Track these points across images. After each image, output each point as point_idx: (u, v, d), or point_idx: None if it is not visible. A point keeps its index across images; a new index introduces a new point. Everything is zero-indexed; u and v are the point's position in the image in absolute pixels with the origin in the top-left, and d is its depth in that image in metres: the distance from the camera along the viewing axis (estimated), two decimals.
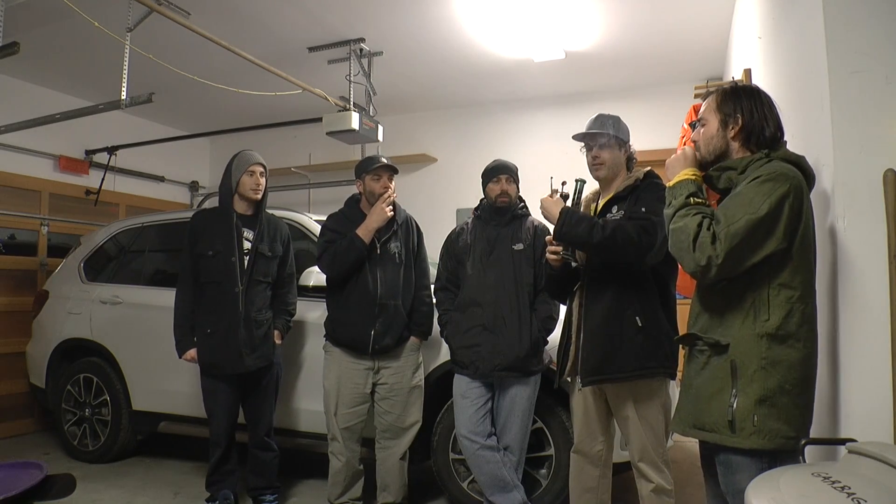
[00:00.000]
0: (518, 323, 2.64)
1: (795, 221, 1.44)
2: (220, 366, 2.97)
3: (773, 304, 1.45)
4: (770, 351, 1.44)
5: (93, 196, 5.36)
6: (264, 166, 3.11)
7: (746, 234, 1.42)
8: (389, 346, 2.89)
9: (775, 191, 1.43)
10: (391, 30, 4.07)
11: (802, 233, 1.46)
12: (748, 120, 1.58)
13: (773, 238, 1.43)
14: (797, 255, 1.46)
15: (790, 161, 1.53)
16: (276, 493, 3.17)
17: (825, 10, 1.59)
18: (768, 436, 1.42)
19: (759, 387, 1.43)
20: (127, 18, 3.27)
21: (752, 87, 1.67)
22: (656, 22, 3.92)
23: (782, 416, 1.43)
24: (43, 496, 3.24)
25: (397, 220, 2.99)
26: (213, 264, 2.99)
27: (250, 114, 5.34)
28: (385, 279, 2.87)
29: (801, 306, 1.45)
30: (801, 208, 1.45)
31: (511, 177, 2.81)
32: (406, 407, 2.93)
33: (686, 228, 1.49)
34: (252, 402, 3.10)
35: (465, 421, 2.70)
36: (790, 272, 1.45)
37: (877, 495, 1.11)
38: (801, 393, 1.45)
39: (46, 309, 4.27)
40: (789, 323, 1.44)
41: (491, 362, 2.63)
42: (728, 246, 1.42)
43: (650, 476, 2.19)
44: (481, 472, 2.68)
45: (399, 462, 2.94)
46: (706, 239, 1.44)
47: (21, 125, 3.81)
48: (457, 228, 2.97)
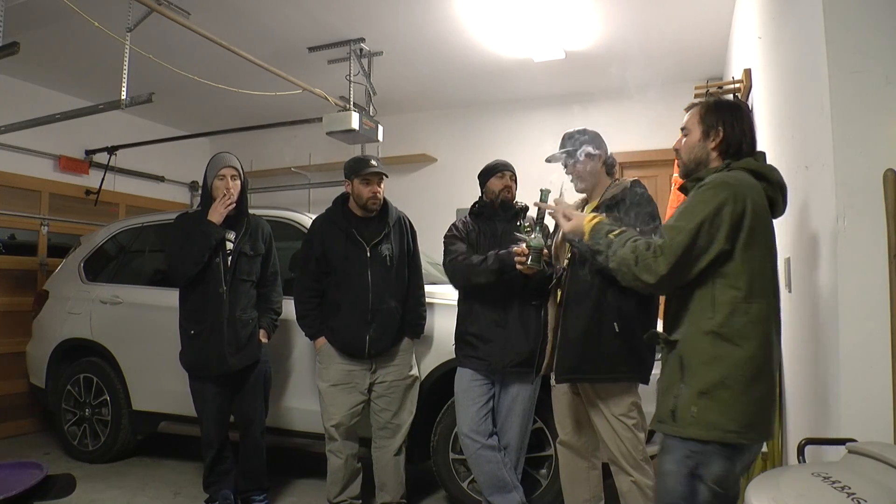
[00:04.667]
0: (525, 319, 2.64)
1: (737, 225, 1.52)
2: (206, 367, 2.96)
3: (719, 303, 1.53)
4: (714, 348, 1.52)
5: (93, 196, 5.36)
6: (237, 168, 3.04)
7: (689, 244, 1.52)
8: (385, 348, 2.89)
9: (714, 198, 1.53)
10: (391, 30, 4.07)
11: (746, 236, 1.52)
12: (728, 133, 1.67)
13: (715, 243, 1.52)
14: (741, 258, 1.53)
15: (751, 170, 1.61)
16: (265, 494, 3.15)
17: (825, 10, 1.59)
18: (705, 427, 1.50)
19: (700, 380, 1.52)
20: (127, 18, 3.28)
21: (735, 103, 1.76)
22: (656, 22, 3.91)
23: (721, 409, 1.49)
24: (43, 496, 3.24)
25: (389, 221, 2.98)
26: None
27: (250, 114, 5.34)
28: (377, 283, 2.87)
29: (746, 306, 1.52)
30: (742, 213, 1.52)
31: (513, 174, 2.83)
32: (402, 404, 2.94)
33: (624, 260, 1.60)
34: (241, 402, 3.08)
35: (468, 419, 2.70)
36: (734, 274, 1.53)
37: (877, 495, 1.11)
38: (746, 390, 1.50)
39: (46, 309, 4.26)
40: (733, 321, 1.51)
41: (503, 359, 2.63)
42: (672, 259, 1.53)
43: (628, 471, 2.23)
44: (481, 471, 2.69)
45: (394, 458, 2.94)
46: (646, 258, 1.56)
47: (21, 125, 3.81)
48: (459, 222, 2.87)
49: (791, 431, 2.17)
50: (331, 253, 2.91)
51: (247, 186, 3.13)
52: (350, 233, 2.91)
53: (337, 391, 2.89)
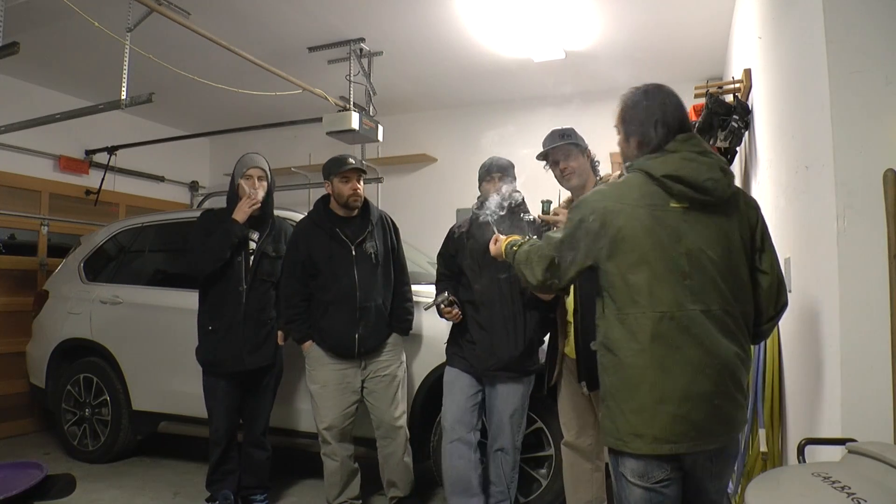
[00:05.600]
0: (514, 323, 2.63)
1: (595, 241, 1.57)
2: (221, 364, 2.98)
3: (604, 315, 1.60)
4: (602, 357, 1.61)
5: (93, 196, 5.36)
6: (264, 169, 3.10)
7: (554, 254, 1.65)
8: (375, 346, 2.90)
9: (574, 216, 1.62)
10: (391, 30, 4.07)
11: (609, 250, 1.55)
12: (629, 130, 1.66)
13: (578, 257, 1.60)
14: (610, 272, 1.56)
15: (644, 169, 1.58)
16: (266, 493, 3.16)
17: (825, 10, 1.59)
18: (605, 432, 1.60)
19: (601, 389, 1.62)
20: (127, 18, 3.27)
21: (635, 91, 1.68)
22: (656, 22, 3.92)
23: (611, 417, 1.57)
24: (43, 496, 3.25)
25: (372, 220, 2.99)
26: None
27: (250, 114, 5.34)
28: (363, 281, 2.87)
29: (622, 316, 1.54)
30: (600, 228, 1.55)
31: (504, 175, 2.80)
32: (392, 400, 2.93)
33: (518, 261, 1.81)
34: (250, 401, 3.11)
35: (453, 409, 2.69)
36: (607, 288, 1.58)
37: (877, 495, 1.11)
38: (628, 399, 1.52)
39: (46, 309, 4.26)
40: (612, 332, 1.57)
41: (485, 362, 2.63)
42: (542, 266, 1.68)
43: None
44: (450, 465, 2.65)
45: (403, 461, 2.95)
46: (531, 261, 1.73)
47: (21, 125, 3.81)
48: (456, 226, 2.94)
49: (791, 431, 2.17)
50: (316, 254, 2.91)
51: (273, 188, 3.16)
52: (334, 232, 2.91)
53: (328, 393, 2.88)
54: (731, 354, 1.50)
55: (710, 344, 1.49)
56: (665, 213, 1.53)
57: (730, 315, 1.53)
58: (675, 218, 1.53)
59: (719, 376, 1.49)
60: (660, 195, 1.55)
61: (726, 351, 1.50)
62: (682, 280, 1.51)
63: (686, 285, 1.50)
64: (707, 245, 1.53)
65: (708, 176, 1.53)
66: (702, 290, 1.51)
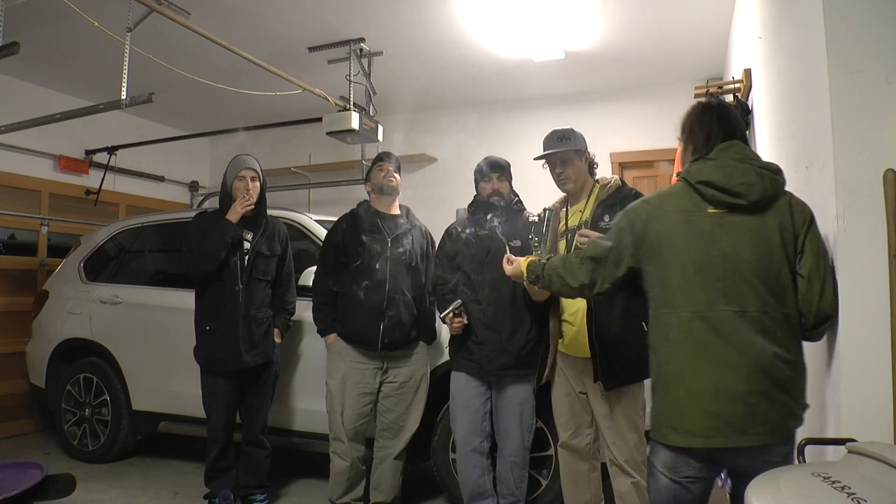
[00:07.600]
0: (520, 319, 2.64)
1: (636, 245, 1.68)
2: (220, 362, 3.01)
3: (649, 317, 1.70)
4: (650, 354, 1.70)
5: (93, 196, 5.36)
6: (256, 171, 3.13)
7: (606, 255, 1.73)
8: (398, 341, 2.87)
9: (620, 223, 1.74)
10: (391, 30, 4.07)
11: (648, 254, 1.66)
12: (687, 140, 1.77)
13: (623, 261, 1.70)
14: (650, 274, 1.67)
15: (684, 176, 1.68)
16: (265, 492, 3.17)
17: (825, 10, 1.59)
18: (651, 425, 1.68)
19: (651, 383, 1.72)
20: (127, 18, 3.27)
21: (698, 105, 1.80)
22: (656, 22, 3.92)
23: (655, 409, 1.66)
24: (43, 496, 3.25)
25: (412, 221, 3.04)
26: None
27: (250, 114, 5.34)
28: (394, 274, 2.88)
29: (658, 316, 1.66)
30: (642, 233, 1.67)
31: (502, 174, 2.80)
32: (409, 407, 2.94)
33: (554, 268, 1.88)
34: (249, 399, 3.13)
35: (463, 420, 2.71)
36: (649, 290, 1.69)
37: (877, 495, 1.11)
38: (664, 393, 1.64)
39: (46, 309, 4.26)
40: (652, 332, 1.69)
41: (495, 361, 2.63)
42: (587, 268, 1.77)
43: (630, 472, 2.23)
44: (467, 474, 2.71)
45: (394, 462, 2.94)
46: (572, 265, 1.81)
47: (21, 125, 3.81)
48: (453, 225, 2.93)
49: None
50: (352, 241, 2.92)
51: (266, 188, 3.19)
52: (374, 222, 2.95)
53: (347, 388, 2.87)
54: (768, 354, 1.51)
55: (743, 343, 1.52)
56: (701, 217, 1.61)
57: (769, 316, 1.54)
58: (712, 222, 1.60)
59: (753, 375, 1.51)
60: (697, 201, 1.63)
61: (762, 351, 1.51)
62: (715, 282, 1.57)
63: (720, 287, 1.56)
64: (743, 248, 1.57)
65: (740, 180, 1.58)
66: (737, 291, 1.55)
